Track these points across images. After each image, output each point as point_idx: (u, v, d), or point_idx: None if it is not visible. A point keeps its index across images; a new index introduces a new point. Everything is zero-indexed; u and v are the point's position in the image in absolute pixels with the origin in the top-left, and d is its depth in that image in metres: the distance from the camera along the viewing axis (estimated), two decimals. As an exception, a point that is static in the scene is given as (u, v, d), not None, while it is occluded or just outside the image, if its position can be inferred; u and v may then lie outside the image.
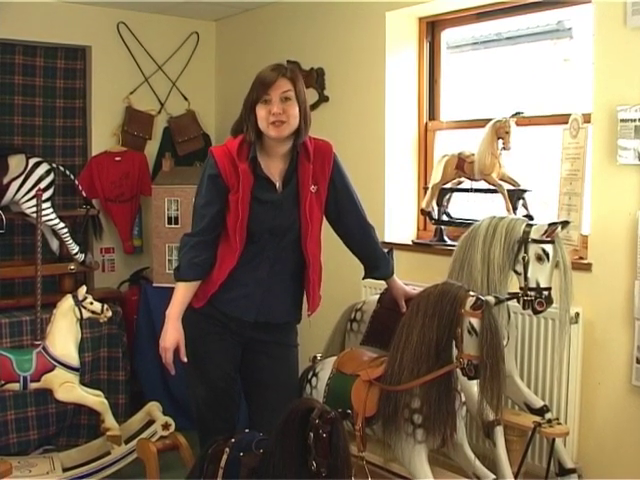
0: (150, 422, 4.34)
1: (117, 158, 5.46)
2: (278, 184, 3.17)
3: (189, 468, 3.34)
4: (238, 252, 3.13)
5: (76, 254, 4.90)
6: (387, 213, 4.57)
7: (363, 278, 3.54)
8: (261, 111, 3.04)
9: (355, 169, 4.49)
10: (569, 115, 3.66)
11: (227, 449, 2.88)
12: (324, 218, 3.32)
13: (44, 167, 4.71)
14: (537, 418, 3.36)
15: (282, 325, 3.31)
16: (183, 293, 3.17)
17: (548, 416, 3.39)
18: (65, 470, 4.26)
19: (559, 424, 3.39)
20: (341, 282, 4.43)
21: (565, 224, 3.28)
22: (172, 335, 3.15)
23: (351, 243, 3.42)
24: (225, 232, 3.17)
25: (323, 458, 2.47)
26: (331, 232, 3.40)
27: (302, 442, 2.51)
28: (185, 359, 3.17)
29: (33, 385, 4.05)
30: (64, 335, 4.11)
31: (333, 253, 3.57)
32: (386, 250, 3.49)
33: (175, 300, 3.18)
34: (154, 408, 4.38)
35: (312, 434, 2.47)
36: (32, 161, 4.69)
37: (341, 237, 3.41)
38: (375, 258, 3.43)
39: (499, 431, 3.24)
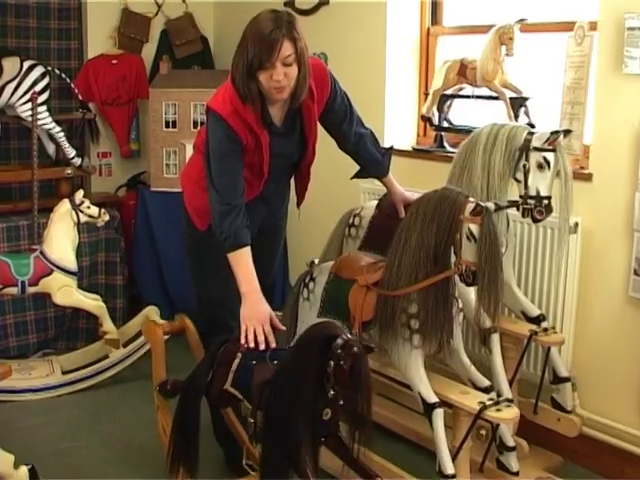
0: (148, 326, 4.38)
1: (114, 61, 5.37)
2: (281, 130, 3.19)
3: (195, 355, 3.35)
4: (255, 193, 3.22)
5: (73, 158, 4.87)
6: (387, 119, 4.49)
7: (351, 178, 3.56)
8: (262, 76, 2.96)
9: (355, 74, 4.44)
10: (574, 22, 3.57)
11: (239, 354, 2.87)
12: None
13: (39, 70, 4.64)
14: (533, 326, 3.38)
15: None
16: (249, 260, 3.05)
17: (544, 325, 3.40)
18: (64, 373, 4.33)
19: (555, 333, 3.41)
20: (339, 187, 4.40)
21: (567, 133, 3.24)
22: (263, 307, 3.01)
23: (345, 150, 3.46)
24: None
25: (342, 388, 2.44)
26: (329, 139, 3.39)
27: (320, 367, 2.47)
28: (284, 327, 3.08)
29: (31, 289, 4.08)
30: (61, 239, 4.12)
31: (331, 159, 3.55)
32: (386, 148, 3.53)
33: (248, 271, 3.03)
34: (152, 312, 4.40)
35: (332, 363, 2.44)
36: (27, 64, 4.62)
37: (335, 141, 3.44)
38: (368, 162, 3.48)
39: (495, 338, 3.26)
